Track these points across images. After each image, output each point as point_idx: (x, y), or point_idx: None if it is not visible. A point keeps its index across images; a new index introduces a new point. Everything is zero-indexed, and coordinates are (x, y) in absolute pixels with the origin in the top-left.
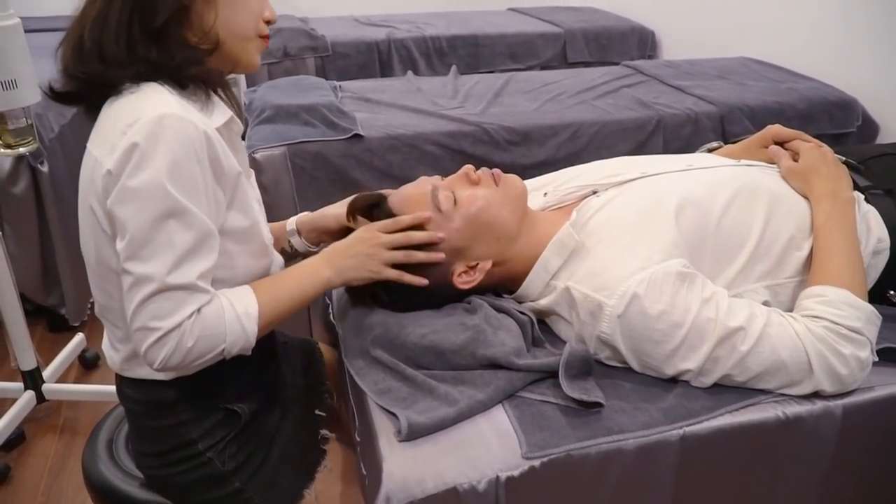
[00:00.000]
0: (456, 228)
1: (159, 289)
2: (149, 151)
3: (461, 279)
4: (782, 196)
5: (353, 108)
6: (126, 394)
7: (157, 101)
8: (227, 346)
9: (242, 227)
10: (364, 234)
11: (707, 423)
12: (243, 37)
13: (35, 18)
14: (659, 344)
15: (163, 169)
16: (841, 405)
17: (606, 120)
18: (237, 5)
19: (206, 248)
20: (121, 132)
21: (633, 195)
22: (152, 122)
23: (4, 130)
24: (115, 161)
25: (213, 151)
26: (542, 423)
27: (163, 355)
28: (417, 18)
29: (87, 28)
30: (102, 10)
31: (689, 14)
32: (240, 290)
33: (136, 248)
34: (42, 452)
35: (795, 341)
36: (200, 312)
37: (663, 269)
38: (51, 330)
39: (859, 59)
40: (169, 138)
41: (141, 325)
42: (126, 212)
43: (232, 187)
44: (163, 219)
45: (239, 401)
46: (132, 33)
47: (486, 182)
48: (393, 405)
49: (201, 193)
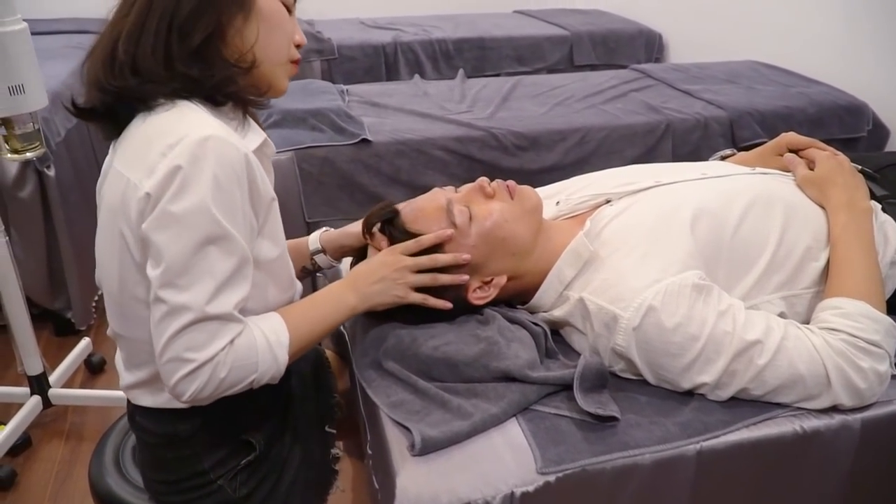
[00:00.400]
0: (472, 245)
1: (196, 319)
2: (192, 175)
3: (476, 295)
4: (798, 206)
5: (361, 112)
6: (139, 423)
7: (197, 122)
8: (258, 375)
9: (271, 257)
10: (387, 258)
11: (724, 438)
12: (277, 60)
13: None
14: (675, 357)
15: (207, 193)
16: (859, 419)
17: (615, 124)
18: (274, 27)
19: (242, 276)
20: (160, 153)
21: (648, 204)
22: (196, 143)
23: (11, 135)
24: (156, 184)
25: (252, 175)
26: (557, 438)
27: (194, 388)
28: (424, 21)
29: (120, 40)
30: (137, 23)
31: (697, 17)
32: (270, 317)
33: (174, 276)
34: (48, 458)
35: (813, 354)
36: (233, 343)
37: (679, 280)
38: (57, 334)
39: (870, 63)
40: (213, 161)
41: (174, 357)
42: (164, 238)
43: (265, 213)
44: (203, 245)
45: (253, 428)
46: (170, 48)
47: (501, 195)
48: (406, 418)
49: (239, 218)
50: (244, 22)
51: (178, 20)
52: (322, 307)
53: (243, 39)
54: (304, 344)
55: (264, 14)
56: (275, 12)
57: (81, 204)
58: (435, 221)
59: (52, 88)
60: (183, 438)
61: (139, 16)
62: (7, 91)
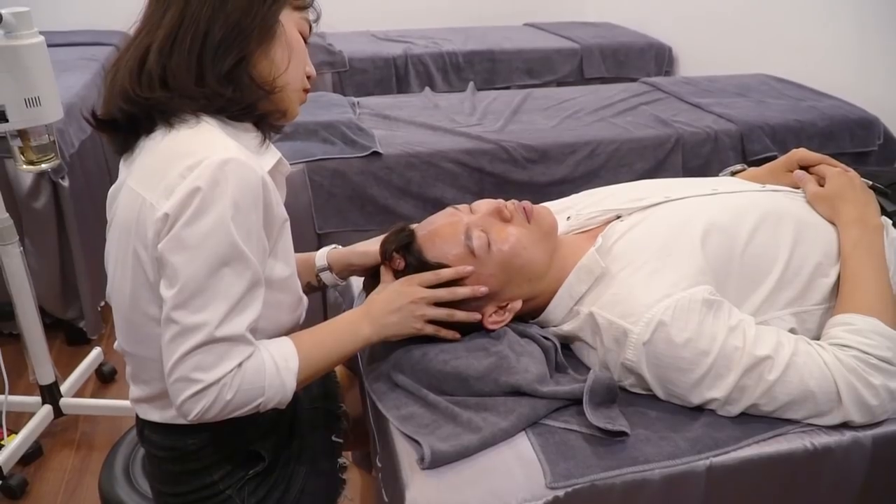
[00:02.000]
0: (490, 274)
1: (207, 340)
2: (211, 197)
3: (492, 320)
4: (808, 222)
5: (372, 125)
6: (148, 438)
7: (218, 144)
8: (265, 399)
9: (283, 277)
10: (405, 289)
11: (734, 454)
12: (294, 87)
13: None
14: (685, 372)
15: (225, 216)
16: (870, 436)
17: (625, 138)
18: (294, 55)
19: (254, 298)
20: (179, 175)
21: (658, 220)
22: (216, 166)
23: (27, 147)
24: (174, 205)
25: (268, 198)
26: (567, 452)
27: (200, 408)
28: (434, 34)
29: (151, 52)
30: (169, 37)
31: (706, 30)
32: (281, 342)
33: (188, 297)
34: (59, 467)
35: (824, 371)
36: (241, 366)
37: (690, 296)
38: (68, 343)
39: (881, 77)
40: (232, 184)
41: (182, 376)
42: (180, 259)
43: (277, 234)
44: (219, 267)
45: (261, 439)
46: (202, 66)
47: (518, 220)
48: (415, 432)
49: (254, 240)
50: (271, 49)
51: (210, 43)
52: (336, 335)
53: (272, 65)
54: (314, 371)
55: (289, 42)
56: (295, 41)
57: (93, 214)
58: (453, 247)
59: (67, 100)
60: (191, 452)
61: (171, 30)
62: (23, 103)
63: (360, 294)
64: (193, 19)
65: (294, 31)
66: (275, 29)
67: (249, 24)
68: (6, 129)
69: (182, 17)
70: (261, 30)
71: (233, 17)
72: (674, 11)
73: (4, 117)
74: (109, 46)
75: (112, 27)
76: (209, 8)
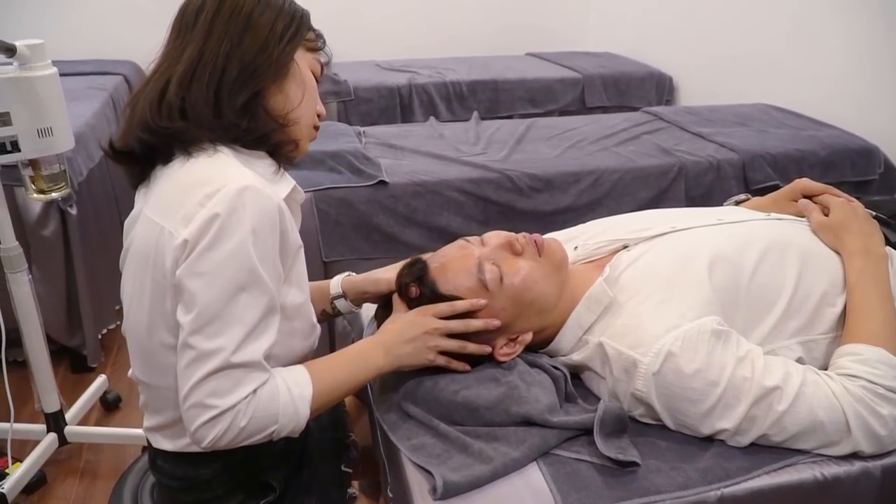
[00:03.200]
0: (501, 307)
1: (222, 366)
2: (230, 224)
3: (502, 352)
4: (814, 251)
5: (378, 154)
6: (160, 467)
7: (235, 173)
8: (279, 427)
9: (297, 303)
10: (420, 319)
11: (745, 484)
12: (307, 123)
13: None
14: (695, 403)
15: (242, 242)
16: (880, 466)
17: (628, 167)
18: (308, 93)
19: (269, 324)
20: (198, 203)
21: (665, 250)
22: (233, 194)
23: (38, 176)
24: (194, 231)
25: (284, 225)
26: (578, 483)
27: (214, 434)
28: (438, 64)
29: (171, 84)
30: (189, 71)
31: (707, 60)
32: (295, 370)
33: (205, 322)
34: (63, 496)
35: (832, 401)
36: (256, 393)
37: (698, 326)
38: (73, 371)
39: (880, 106)
40: (250, 212)
41: (197, 402)
42: (198, 284)
43: (292, 261)
44: (236, 293)
45: (272, 469)
46: (220, 99)
47: (529, 253)
48: (427, 462)
49: (270, 267)
50: (285, 84)
51: (227, 78)
52: (350, 364)
53: (286, 99)
54: (328, 399)
55: (302, 79)
56: (307, 80)
57: (98, 242)
58: (466, 282)
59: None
60: (203, 482)
61: (190, 65)
62: (36, 133)
63: (370, 323)
64: (212, 55)
65: (307, 71)
66: (289, 67)
67: (265, 62)
68: (18, 159)
69: (201, 53)
70: (276, 67)
71: (248, 56)
72: (674, 41)
73: (17, 147)
74: (117, 76)
75: (119, 57)
76: (227, 46)
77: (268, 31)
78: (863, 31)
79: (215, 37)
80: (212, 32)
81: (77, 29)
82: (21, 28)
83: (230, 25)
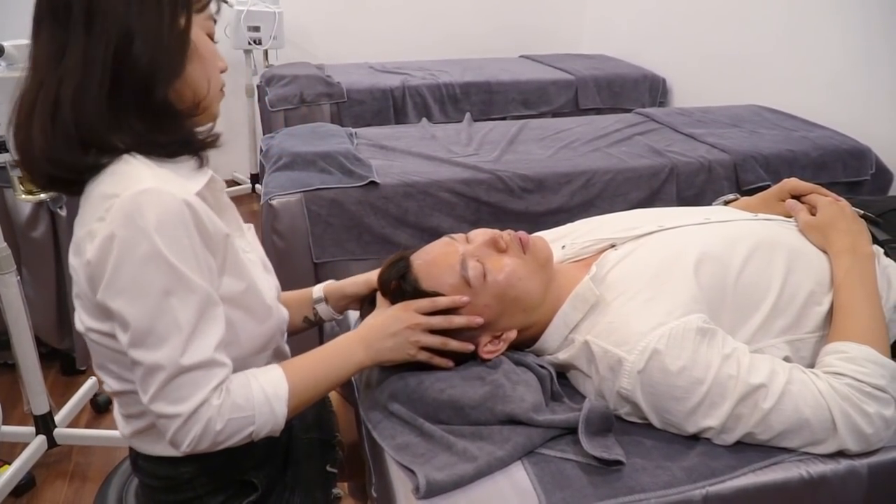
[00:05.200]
0: (485, 304)
1: (174, 373)
2: (129, 237)
3: (486, 349)
4: (801, 250)
5: (369, 155)
6: (142, 467)
7: (132, 178)
8: (256, 428)
9: (238, 291)
10: (401, 314)
11: (730, 483)
12: (213, 92)
13: None
14: (680, 401)
15: (149, 249)
16: (866, 464)
17: (620, 168)
18: (207, 62)
19: (210, 319)
20: (98, 218)
21: (652, 249)
22: (128, 202)
23: (27, 177)
24: (95, 252)
25: (197, 218)
26: (562, 482)
27: (189, 439)
28: (431, 66)
29: (62, 107)
30: (78, 86)
31: (700, 62)
32: (268, 370)
33: (142, 337)
34: (52, 499)
35: (818, 399)
36: (230, 392)
37: (684, 324)
38: (63, 373)
39: (872, 107)
40: (149, 215)
41: (160, 414)
42: (121, 303)
43: (222, 251)
44: (162, 299)
45: (255, 469)
46: (121, 112)
47: (513, 250)
48: (411, 461)
49: (193, 262)
50: (187, 73)
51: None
52: (329, 360)
53: (192, 89)
54: (306, 397)
55: (199, 53)
56: (205, 47)
57: None
58: (449, 278)
59: None
60: (185, 481)
61: (75, 78)
62: None
63: (356, 322)
64: (99, 63)
65: (203, 40)
66: (187, 50)
67: (162, 57)
68: (6, 160)
69: (85, 62)
70: (176, 58)
71: (141, 54)
72: (667, 44)
73: (4, 147)
74: None
75: None
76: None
77: (155, 18)
78: (854, 34)
79: (98, 36)
80: (92, 30)
81: None
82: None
83: (112, 18)
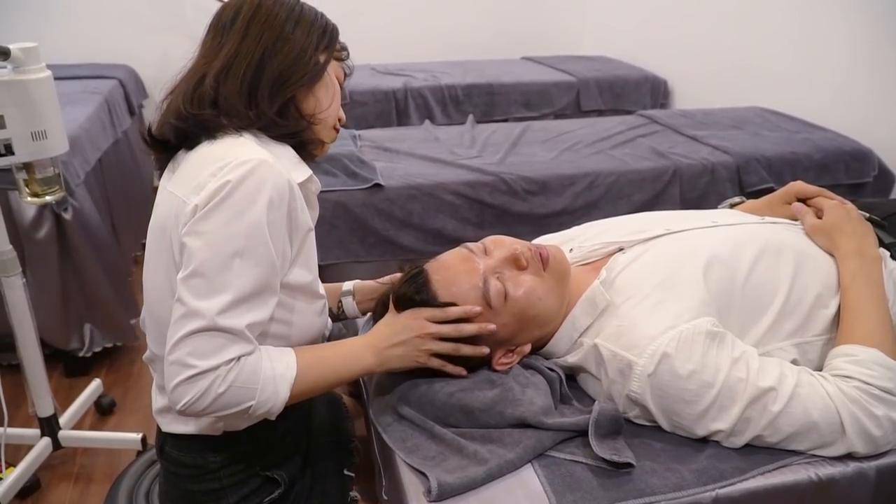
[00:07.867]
0: (503, 323)
1: (206, 326)
2: (237, 190)
3: (501, 362)
4: (808, 253)
5: (373, 157)
6: (168, 454)
7: (250, 150)
8: (256, 404)
9: (305, 282)
10: (412, 323)
11: (740, 485)
12: (330, 125)
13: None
14: (690, 404)
15: (247, 209)
16: (874, 467)
17: (623, 170)
18: (336, 99)
19: (262, 301)
20: (210, 174)
21: (660, 252)
22: (243, 164)
23: (32, 179)
24: (203, 197)
25: (293, 203)
26: (573, 485)
27: (191, 395)
28: (434, 67)
29: (207, 77)
30: (225, 66)
31: (701, 64)
32: (282, 351)
33: (198, 280)
34: (57, 501)
35: (827, 402)
36: (239, 362)
37: (693, 327)
38: (67, 375)
39: (875, 109)
40: (259, 182)
41: (177, 359)
42: (198, 244)
43: (300, 242)
44: (231, 257)
45: (278, 467)
46: (254, 92)
47: (534, 268)
48: (422, 464)
49: (274, 240)
50: (316, 90)
51: (262, 79)
52: (337, 359)
53: (316, 102)
54: (309, 387)
55: (328, 84)
56: (334, 84)
57: (94, 246)
58: (469, 296)
59: (71, 133)
60: (211, 471)
61: (227, 60)
62: (30, 136)
63: (366, 321)
64: (248, 54)
65: (333, 78)
66: (322, 75)
67: (300, 71)
68: (12, 162)
69: (237, 52)
70: (311, 76)
71: (285, 63)
72: (669, 45)
73: (11, 150)
74: (112, 80)
75: (114, 61)
76: (262, 49)
77: (303, 41)
78: (857, 36)
79: (251, 38)
80: (248, 35)
81: (72, 33)
82: (17, 32)
83: (265, 31)
